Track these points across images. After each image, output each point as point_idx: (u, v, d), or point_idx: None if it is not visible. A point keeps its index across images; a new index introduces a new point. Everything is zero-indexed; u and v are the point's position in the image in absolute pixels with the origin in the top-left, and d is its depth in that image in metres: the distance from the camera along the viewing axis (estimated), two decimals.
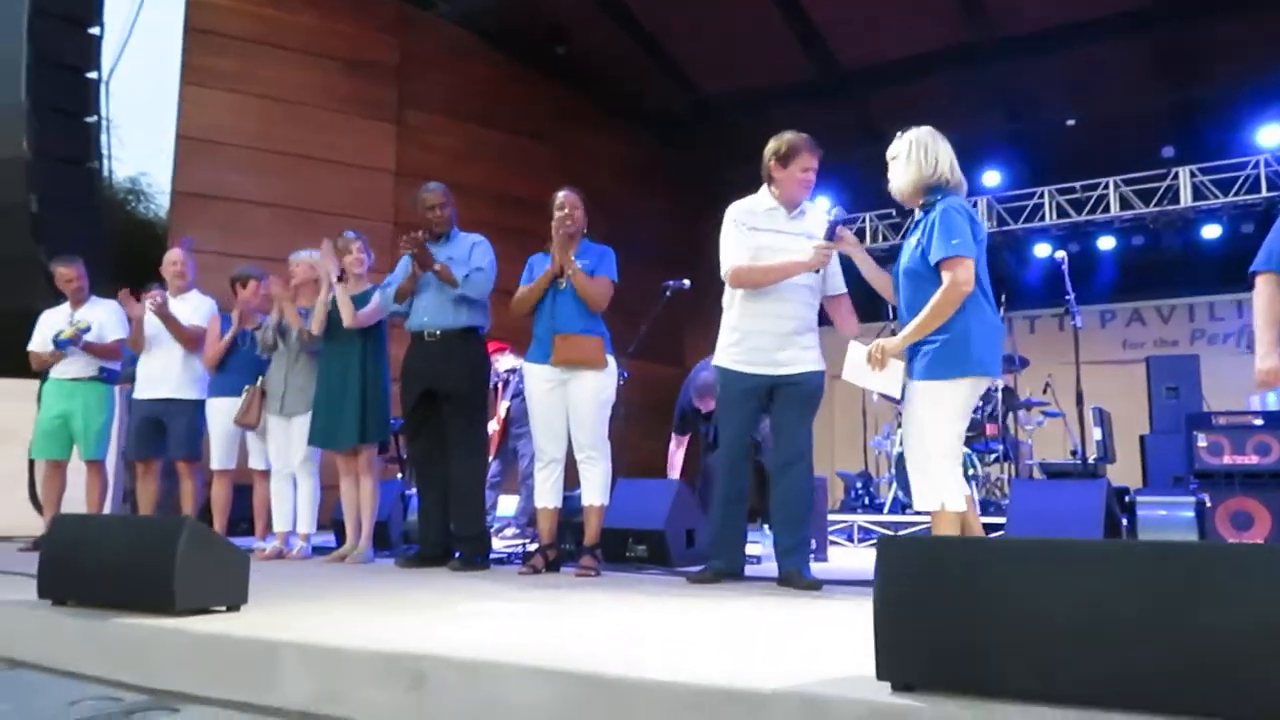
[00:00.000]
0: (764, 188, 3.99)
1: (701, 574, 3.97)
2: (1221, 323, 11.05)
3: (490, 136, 10.59)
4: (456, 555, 4.60)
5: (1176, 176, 10.01)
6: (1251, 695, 1.47)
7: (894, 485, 6.83)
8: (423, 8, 10.22)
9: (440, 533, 4.73)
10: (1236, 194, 9.58)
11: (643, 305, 5.50)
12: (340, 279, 4.98)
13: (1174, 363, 7.95)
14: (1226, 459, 5.28)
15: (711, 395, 4.03)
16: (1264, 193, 9.52)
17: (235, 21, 9.12)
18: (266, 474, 5.38)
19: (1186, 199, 9.96)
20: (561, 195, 4.48)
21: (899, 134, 3.45)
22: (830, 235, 3.73)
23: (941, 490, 3.19)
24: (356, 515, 5.06)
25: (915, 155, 3.35)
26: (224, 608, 2.77)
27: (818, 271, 3.86)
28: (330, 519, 5.85)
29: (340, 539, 5.34)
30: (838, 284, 4.05)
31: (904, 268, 3.38)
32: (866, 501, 7.64)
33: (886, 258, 11.04)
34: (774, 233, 3.90)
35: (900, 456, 6.69)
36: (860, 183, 11.58)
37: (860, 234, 11.64)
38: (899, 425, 7.20)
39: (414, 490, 5.40)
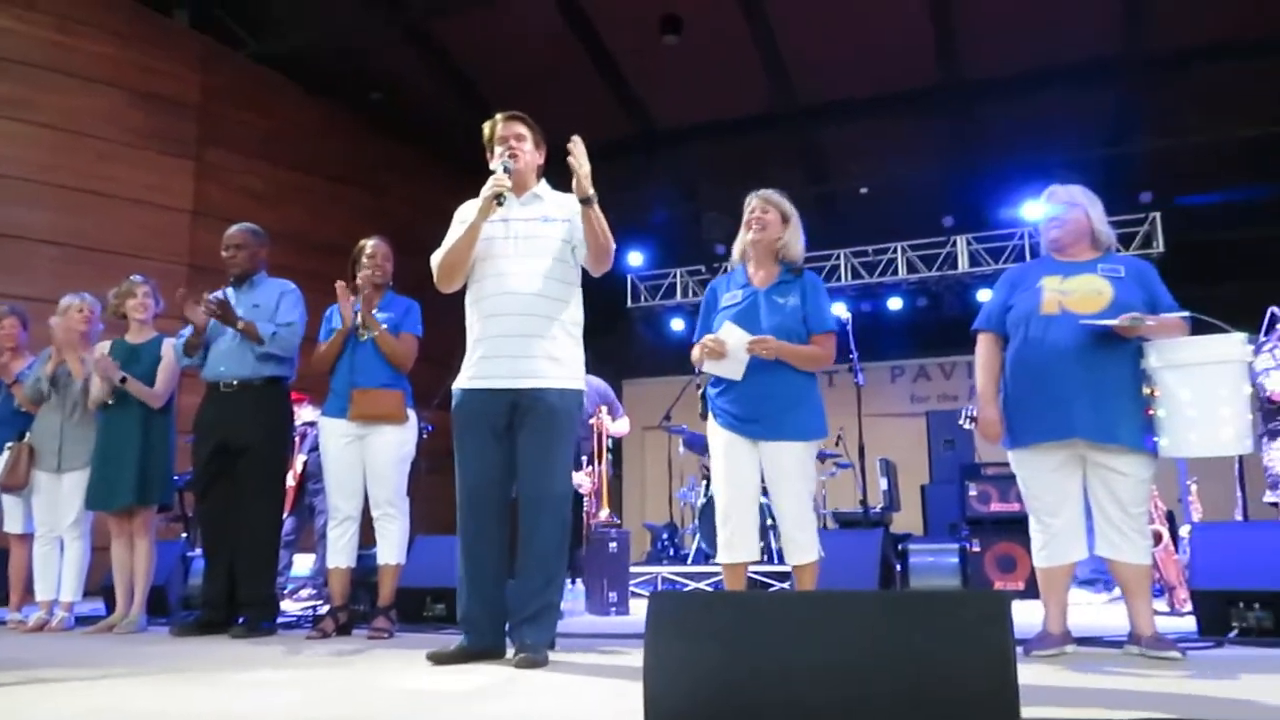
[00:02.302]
0: None
1: (448, 652, 3.19)
2: None
3: (298, 179, 10.27)
4: (240, 620, 4.34)
5: (955, 244, 10.92)
6: None
7: (697, 536, 6.99)
8: (231, 46, 9.86)
9: (224, 596, 4.43)
10: (1005, 261, 10.51)
11: (452, 355, 5.44)
12: (123, 381, 4.61)
13: (950, 417, 8.59)
14: (994, 506, 5.73)
15: None
16: (1028, 260, 10.50)
17: (14, 44, 8.49)
18: (23, 538, 4.93)
19: (964, 265, 10.88)
20: (371, 244, 4.40)
21: (769, 191, 3.58)
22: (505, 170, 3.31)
23: (817, 541, 3.47)
24: (129, 580, 4.69)
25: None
26: None
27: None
28: (99, 585, 5.39)
29: (110, 607, 4.93)
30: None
31: (775, 324, 3.41)
32: (672, 553, 7.79)
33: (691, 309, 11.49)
34: (502, 222, 3.36)
35: (704, 507, 6.86)
36: (674, 239, 12.01)
37: (671, 289, 11.99)
38: (704, 477, 7.41)
39: (198, 551, 5.07)
